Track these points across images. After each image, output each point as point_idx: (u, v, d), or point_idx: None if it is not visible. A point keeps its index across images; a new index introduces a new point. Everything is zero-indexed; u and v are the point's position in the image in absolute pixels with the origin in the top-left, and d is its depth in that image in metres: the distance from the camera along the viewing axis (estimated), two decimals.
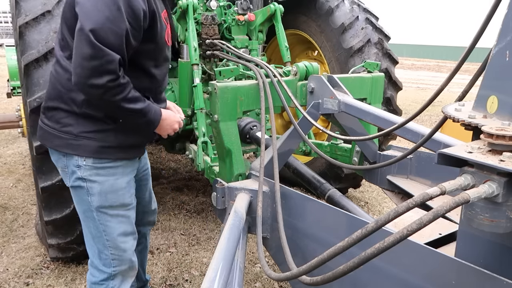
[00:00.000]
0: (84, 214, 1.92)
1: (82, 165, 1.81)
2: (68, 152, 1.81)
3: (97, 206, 1.86)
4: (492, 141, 1.02)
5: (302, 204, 1.97)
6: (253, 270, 3.09)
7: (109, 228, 1.91)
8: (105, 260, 1.96)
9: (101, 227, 1.90)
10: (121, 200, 1.91)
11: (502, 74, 1.16)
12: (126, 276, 2.04)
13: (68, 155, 1.82)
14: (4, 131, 6.46)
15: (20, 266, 3.03)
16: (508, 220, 1.00)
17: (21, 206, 4.04)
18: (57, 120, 1.81)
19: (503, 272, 1.12)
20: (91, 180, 1.82)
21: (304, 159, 4.16)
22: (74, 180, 1.85)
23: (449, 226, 1.83)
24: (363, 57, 3.86)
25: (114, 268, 1.97)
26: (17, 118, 4.07)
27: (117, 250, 1.96)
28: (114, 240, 1.94)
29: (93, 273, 2.01)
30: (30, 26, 2.55)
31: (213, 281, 1.29)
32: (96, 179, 1.83)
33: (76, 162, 1.81)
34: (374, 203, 4.42)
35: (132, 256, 2.04)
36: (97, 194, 1.84)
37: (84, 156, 1.79)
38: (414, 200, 0.96)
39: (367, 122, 2.27)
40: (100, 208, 1.87)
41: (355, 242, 1.01)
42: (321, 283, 1.12)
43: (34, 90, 2.47)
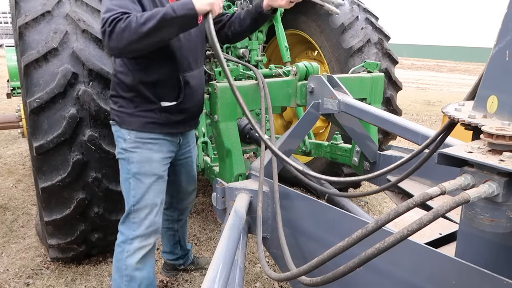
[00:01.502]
0: (123, 181, 2.21)
1: (127, 138, 2.14)
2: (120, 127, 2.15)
3: (133, 172, 2.15)
4: (492, 141, 1.02)
5: (302, 204, 1.97)
6: (253, 270, 3.09)
7: (139, 194, 2.16)
8: (128, 223, 2.21)
9: (132, 192, 2.17)
10: (154, 171, 2.18)
11: (502, 74, 1.16)
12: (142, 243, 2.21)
13: (119, 130, 2.16)
14: (4, 132, 6.46)
15: (20, 267, 3.03)
16: (508, 220, 1.00)
17: (21, 206, 4.04)
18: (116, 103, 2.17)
19: (503, 272, 1.12)
20: (132, 151, 2.14)
21: (304, 159, 4.16)
22: (119, 151, 2.19)
23: (449, 226, 1.83)
24: (363, 57, 3.86)
25: (133, 232, 2.19)
26: (17, 118, 4.08)
27: (139, 215, 2.19)
28: (139, 205, 2.17)
29: (118, 236, 2.27)
30: (30, 27, 2.55)
31: (213, 281, 1.29)
32: (136, 150, 2.14)
33: (123, 135, 2.14)
34: (374, 203, 4.42)
35: (152, 224, 2.22)
36: (135, 163, 2.14)
37: (130, 130, 2.12)
38: (414, 200, 0.96)
39: (367, 122, 2.27)
40: (136, 174, 2.15)
41: (355, 242, 1.00)
42: (321, 284, 1.12)
43: (34, 90, 2.47)
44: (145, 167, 2.16)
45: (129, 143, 2.14)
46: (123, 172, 2.21)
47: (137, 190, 2.17)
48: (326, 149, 3.09)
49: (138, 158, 2.14)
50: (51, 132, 2.47)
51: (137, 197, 2.17)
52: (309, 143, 3.29)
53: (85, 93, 2.50)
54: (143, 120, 2.12)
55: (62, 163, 2.53)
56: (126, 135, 2.14)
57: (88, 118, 2.54)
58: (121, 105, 2.15)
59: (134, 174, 2.16)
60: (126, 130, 2.13)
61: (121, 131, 2.16)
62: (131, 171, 2.16)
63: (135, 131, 2.12)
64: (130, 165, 2.16)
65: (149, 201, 2.20)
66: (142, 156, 2.15)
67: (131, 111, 2.12)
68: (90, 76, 2.56)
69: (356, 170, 2.79)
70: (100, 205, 2.72)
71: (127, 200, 2.21)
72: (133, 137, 2.13)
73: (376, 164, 2.60)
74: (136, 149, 2.14)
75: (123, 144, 2.16)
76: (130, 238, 2.20)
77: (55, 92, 2.45)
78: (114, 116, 2.19)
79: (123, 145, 2.15)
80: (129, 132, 2.13)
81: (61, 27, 2.56)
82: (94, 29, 2.64)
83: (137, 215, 2.19)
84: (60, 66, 2.49)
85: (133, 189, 2.17)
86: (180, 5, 1.80)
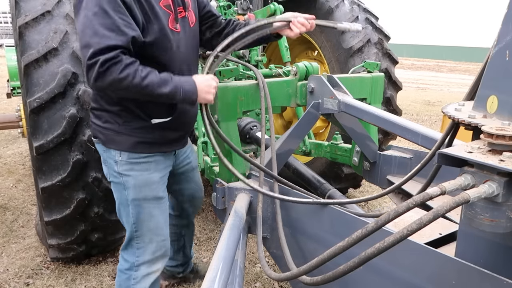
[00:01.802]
0: (121, 206, 2.04)
1: (118, 160, 1.93)
2: (107, 147, 1.94)
3: (132, 199, 1.97)
4: (492, 141, 1.02)
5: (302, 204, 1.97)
6: (253, 270, 3.09)
7: (140, 218, 2.00)
8: (130, 250, 2.07)
9: (133, 219, 2.00)
10: (155, 194, 2.01)
11: (502, 74, 1.16)
12: (150, 269, 2.10)
13: (107, 150, 1.94)
14: (4, 131, 6.46)
15: (20, 267, 3.03)
16: (508, 220, 1.00)
17: (21, 206, 4.04)
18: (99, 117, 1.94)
19: (503, 272, 1.12)
20: (126, 174, 1.94)
21: (304, 159, 4.16)
22: (112, 175, 1.99)
23: (449, 226, 1.83)
24: (363, 57, 3.86)
25: (137, 259, 2.06)
26: (17, 118, 4.08)
27: (143, 240, 2.05)
28: (141, 230, 2.03)
29: (120, 261, 2.13)
30: (30, 27, 2.55)
31: (213, 281, 1.29)
32: (131, 173, 1.94)
33: (113, 157, 1.93)
34: (374, 203, 4.42)
35: (159, 248, 2.10)
36: (132, 188, 1.95)
37: (120, 150, 1.91)
38: (414, 200, 0.96)
39: (367, 122, 2.27)
40: (135, 200, 1.98)
41: (355, 242, 1.01)
42: (321, 283, 1.12)
43: (34, 90, 2.47)
44: (144, 191, 1.98)
45: (121, 165, 1.93)
46: (119, 198, 2.02)
47: (138, 216, 2.00)
48: (326, 149, 3.09)
49: (134, 182, 1.95)
50: (51, 132, 2.47)
51: (139, 224, 2.01)
52: (309, 143, 3.29)
53: (85, 93, 2.50)
54: (133, 139, 1.90)
55: (62, 163, 2.53)
56: (116, 156, 1.92)
57: (88, 118, 2.53)
58: (106, 120, 1.91)
59: (132, 201, 1.98)
60: (116, 151, 1.92)
61: (110, 151, 1.94)
62: (128, 197, 1.97)
63: (126, 151, 1.92)
64: (126, 191, 1.96)
65: (153, 225, 2.04)
66: (139, 180, 1.95)
67: (118, 128, 1.89)
68: None
69: (356, 170, 2.79)
70: (100, 205, 2.71)
71: (127, 226, 2.05)
72: (125, 158, 1.92)
73: (376, 164, 2.60)
74: (131, 172, 1.94)
75: (114, 167, 1.94)
76: (136, 265, 2.06)
77: (55, 92, 2.45)
78: (98, 133, 1.95)
79: (115, 168, 1.94)
80: (120, 153, 1.92)
81: (61, 27, 2.56)
82: None
83: (141, 240, 2.04)
84: (60, 66, 2.49)
85: (133, 216, 2.00)
86: (186, 93, 1.78)
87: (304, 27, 2.05)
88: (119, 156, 1.92)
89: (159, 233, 2.07)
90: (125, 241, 2.09)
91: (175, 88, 1.75)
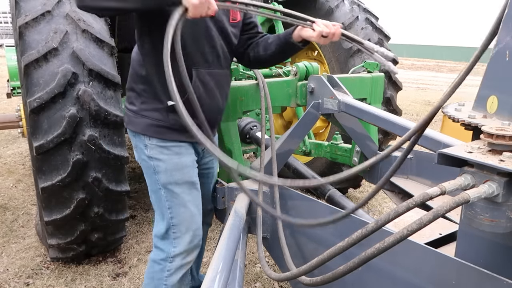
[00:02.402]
0: (153, 193, 1.98)
1: (148, 144, 1.88)
2: (134, 130, 1.90)
3: (163, 183, 1.91)
4: (492, 141, 1.02)
5: (302, 204, 1.97)
6: (253, 270, 3.09)
7: (175, 206, 1.93)
8: (167, 240, 1.99)
9: (167, 203, 1.93)
10: (187, 178, 1.94)
11: (502, 74, 1.16)
12: (184, 260, 2.02)
13: (136, 134, 1.90)
14: (4, 131, 6.45)
15: (20, 266, 3.03)
16: (508, 220, 1.00)
17: (21, 206, 4.04)
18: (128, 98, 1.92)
19: (503, 272, 1.12)
20: (157, 158, 1.88)
21: (304, 159, 4.16)
22: (142, 159, 1.94)
23: (449, 226, 1.83)
24: (363, 57, 3.86)
25: (173, 249, 1.98)
26: (17, 118, 4.07)
27: (180, 229, 1.97)
28: (178, 218, 1.95)
29: (154, 251, 2.05)
30: (30, 26, 2.55)
31: (213, 281, 1.30)
32: (161, 157, 1.88)
33: (143, 141, 1.89)
34: (374, 203, 4.42)
35: (194, 237, 2.01)
36: (163, 172, 1.90)
37: (148, 135, 1.87)
38: (414, 200, 0.96)
39: (367, 122, 2.28)
40: (167, 185, 1.91)
41: (355, 242, 1.00)
42: (321, 284, 1.12)
43: (34, 90, 2.47)
44: (176, 175, 1.91)
45: (151, 149, 1.88)
46: (151, 183, 1.97)
47: (172, 201, 1.93)
48: (326, 149, 3.09)
49: (165, 166, 1.89)
50: (51, 132, 2.47)
51: (175, 210, 1.94)
52: (309, 143, 3.30)
53: (85, 93, 2.50)
54: (147, 121, 1.86)
55: (62, 163, 2.53)
56: (146, 140, 1.89)
57: (88, 118, 2.53)
58: (130, 102, 1.91)
59: (164, 185, 1.92)
60: (145, 136, 1.88)
61: (139, 136, 1.90)
62: (160, 181, 1.92)
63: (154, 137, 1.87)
64: (158, 175, 1.91)
65: (188, 213, 1.96)
66: (170, 164, 1.89)
67: (136, 108, 1.88)
68: (90, 76, 2.56)
69: None
70: (100, 205, 2.71)
71: (162, 214, 1.97)
72: (155, 142, 1.88)
73: (376, 164, 2.60)
74: (161, 155, 1.88)
75: (144, 151, 1.90)
76: (171, 256, 1.99)
77: (55, 92, 2.45)
78: (125, 116, 1.97)
79: (146, 152, 1.90)
80: (149, 137, 1.88)
81: (61, 27, 2.56)
82: (94, 29, 2.64)
83: (178, 229, 1.97)
84: (60, 66, 2.49)
85: (167, 201, 1.93)
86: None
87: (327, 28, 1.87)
88: (149, 140, 1.88)
89: (194, 221, 1.98)
90: (162, 230, 1.99)
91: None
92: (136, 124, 1.88)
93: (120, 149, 2.68)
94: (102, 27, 2.74)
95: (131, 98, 1.90)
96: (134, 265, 3.08)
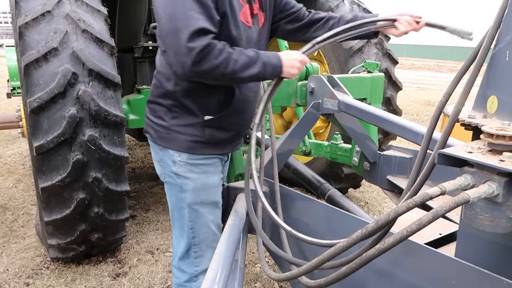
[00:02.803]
0: (175, 211, 1.92)
1: (177, 160, 1.81)
2: (163, 145, 1.82)
3: (189, 202, 1.85)
4: (492, 141, 1.02)
5: (302, 204, 1.97)
6: (253, 270, 3.09)
7: (198, 226, 1.89)
8: (187, 260, 1.94)
9: (191, 224, 1.88)
10: (212, 198, 1.90)
11: (502, 74, 1.16)
12: None
13: (164, 149, 1.82)
14: (4, 131, 6.46)
15: (20, 266, 3.03)
16: (508, 220, 1.00)
17: (21, 206, 4.04)
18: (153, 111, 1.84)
19: (503, 272, 1.12)
20: (185, 176, 1.82)
21: (304, 159, 4.16)
22: (168, 175, 1.86)
23: (449, 226, 1.83)
24: (363, 57, 3.86)
25: (196, 268, 1.95)
26: (17, 118, 4.07)
27: (201, 247, 1.94)
28: (200, 238, 1.92)
29: (177, 275, 1.99)
30: (30, 27, 2.55)
31: (213, 281, 1.30)
32: (190, 176, 1.82)
33: (171, 157, 1.81)
34: (374, 203, 4.42)
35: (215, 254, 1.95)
36: (191, 191, 1.84)
37: (179, 151, 1.79)
38: (414, 200, 0.96)
39: (367, 122, 2.28)
40: (192, 205, 1.85)
41: (355, 242, 1.00)
42: (325, 285, 1.12)
43: (34, 90, 2.47)
44: (203, 195, 1.86)
45: (180, 166, 1.81)
46: (175, 200, 1.90)
47: (196, 221, 1.88)
48: (326, 149, 3.09)
49: (193, 185, 1.83)
50: (51, 132, 2.47)
51: (197, 230, 1.88)
52: (309, 143, 3.30)
53: (85, 93, 2.50)
54: (181, 137, 1.78)
55: (62, 163, 2.53)
56: (175, 156, 1.80)
57: (88, 118, 2.53)
58: (158, 116, 1.81)
59: (190, 205, 1.86)
60: (175, 151, 1.80)
61: (167, 151, 1.82)
62: (185, 200, 1.85)
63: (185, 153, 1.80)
64: (184, 194, 1.84)
65: (210, 232, 1.92)
66: (198, 183, 1.83)
67: (167, 124, 1.79)
68: (90, 76, 2.56)
69: (356, 170, 2.79)
70: (100, 205, 2.71)
71: (183, 233, 1.91)
72: (185, 158, 1.80)
73: (376, 164, 2.60)
74: (190, 174, 1.81)
75: (172, 167, 1.82)
76: (195, 276, 1.95)
77: (55, 92, 2.45)
78: (149, 128, 1.86)
79: (173, 169, 1.82)
80: (179, 153, 1.79)
81: (61, 27, 2.56)
82: (94, 29, 2.64)
83: (199, 248, 1.92)
84: (60, 66, 2.49)
85: (191, 221, 1.87)
86: (273, 67, 1.69)
87: (410, 26, 1.89)
88: (178, 156, 1.80)
89: (215, 239, 1.91)
90: (182, 250, 1.94)
91: (263, 66, 1.66)
92: (167, 140, 1.80)
93: (120, 149, 2.68)
94: (102, 27, 2.74)
95: (159, 113, 1.81)
96: (134, 265, 3.08)
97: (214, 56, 1.54)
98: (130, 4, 3.76)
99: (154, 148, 1.88)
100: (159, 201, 4.22)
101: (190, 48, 1.50)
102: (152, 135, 1.85)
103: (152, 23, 3.66)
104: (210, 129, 1.80)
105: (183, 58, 1.52)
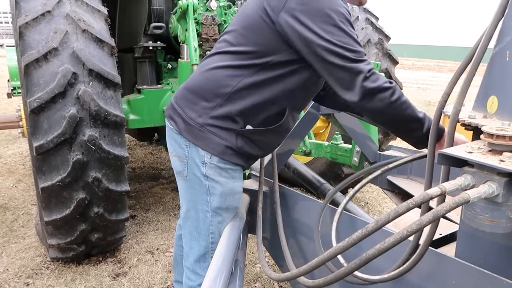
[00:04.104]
0: (192, 210, 1.81)
1: (207, 162, 1.69)
2: (192, 142, 1.69)
3: (215, 207, 1.77)
4: (492, 141, 1.02)
5: (302, 204, 1.97)
6: (253, 270, 3.09)
7: (218, 231, 1.82)
8: (203, 263, 1.86)
9: (211, 228, 1.80)
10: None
11: (502, 74, 1.16)
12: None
13: (192, 146, 1.70)
14: (4, 131, 6.46)
15: (20, 266, 3.03)
16: (508, 220, 1.00)
17: (21, 206, 4.04)
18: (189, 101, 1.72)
19: (503, 272, 1.12)
20: (214, 180, 1.72)
21: (304, 159, 4.15)
22: (195, 175, 1.73)
23: (449, 226, 1.83)
24: None
25: None
26: (17, 118, 4.07)
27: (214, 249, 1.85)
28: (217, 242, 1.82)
29: (190, 277, 1.91)
30: (30, 26, 2.55)
31: (214, 281, 1.30)
32: (219, 179, 1.73)
33: (202, 157, 1.69)
34: (374, 203, 4.42)
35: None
36: (218, 195, 1.75)
37: (210, 152, 1.68)
38: (414, 200, 0.96)
39: (367, 122, 2.27)
40: (218, 209, 1.77)
41: (355, 242, 1.00)
42: (323, 285, 1.12)
43: (34, 90, 2.47)
44: (228, 201, 1.79)
45: (210, 168, 1.70)
46: (196, 200, 1.80)
47: (217, 226, 1.81)
48: (326, 149, 3.09)
49: (222, 189, 1.74)
50: (51, 132, 2.47)
51: (216, 234, 1.82)
52: (309, 143, 3.29)
53: (85, 93, 2.50)
54: (214, 138, 1.66)
55: (62, 163, 2.53)
56: (206, 157, 1.68)
57: (88, 118, 2.54)
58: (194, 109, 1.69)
59: (215, 209, 1.77)
60: (207, 152, 1.68)
61: (198, 149, 1.69)
62: (211, 204, 1.76)
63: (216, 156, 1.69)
64: (210, 197, 1.75)
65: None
66: (227, 188, 1.75)
67: (202, 121, 1.66)
68: (90, 76, 2.56)
69: (356, 170, 2.79)
70: (100, 205, 2.72)
71: (202, 235, 1.83)
72: (215, 161, 1.69)
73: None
74: (219, 177, 1.72)
75: (201, 168, 1.71)
76: None
77: (55, 92, 2.45)
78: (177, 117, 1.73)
79: (202, 170, 1.71)
80: (210, 155, 1.68)
81: (61, 27, 2.56)
82: (94, 29, 2.64)
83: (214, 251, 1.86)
84: (60, 66, 2.49)
85: (212, 225, 1.80)
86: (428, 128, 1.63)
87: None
88: (209, 158, 1.69)
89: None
90: (197, 253, 1.87)
91: (424, 119, 1.66)
92: (199, 138, 1.68)
93: (120, 149, 2.68)
94: (102, 27, 2.75)
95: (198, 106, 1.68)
96: (134, 265, 3.08)
97: (390, 92, 1.55)
98: (130, 4, 3.76)
99: (177, 141, 1.74)
100: (159, 201, 4.22)
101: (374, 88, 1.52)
102: (179, 125, 1.71)
103: (152, 23, 3.67)
104: (243, 140, 1.69)
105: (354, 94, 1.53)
